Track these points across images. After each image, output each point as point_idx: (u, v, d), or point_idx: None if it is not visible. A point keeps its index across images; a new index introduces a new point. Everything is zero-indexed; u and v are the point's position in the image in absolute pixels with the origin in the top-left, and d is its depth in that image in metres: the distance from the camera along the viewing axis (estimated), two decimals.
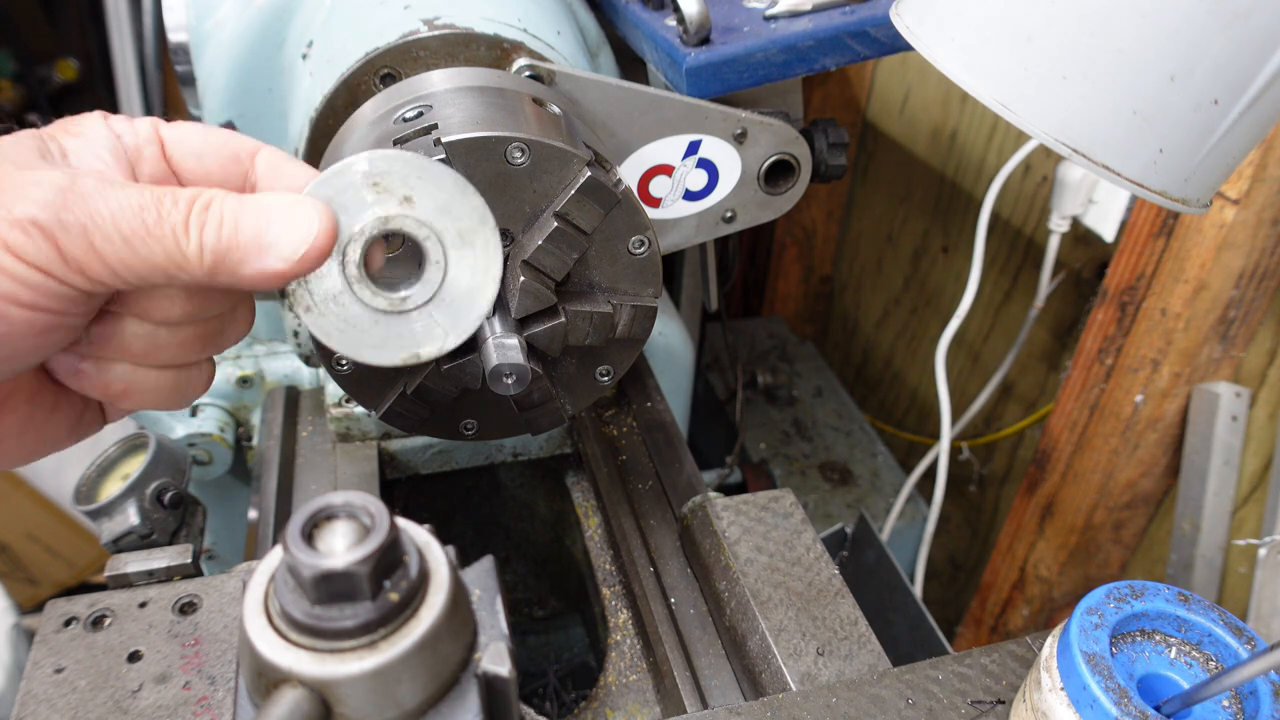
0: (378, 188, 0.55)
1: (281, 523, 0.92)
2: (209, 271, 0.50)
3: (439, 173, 0.55)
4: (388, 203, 0.55)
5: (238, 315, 0.59)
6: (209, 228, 0.50)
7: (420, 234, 0.56)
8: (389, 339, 0.57)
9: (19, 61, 3.31)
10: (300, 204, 0.52)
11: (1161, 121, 0.56)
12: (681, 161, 0.90)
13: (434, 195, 0.55)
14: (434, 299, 0.57)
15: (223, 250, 0.50)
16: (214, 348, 0.58)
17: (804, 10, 0.89)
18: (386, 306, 0.56)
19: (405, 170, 0.55)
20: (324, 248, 0.52)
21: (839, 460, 1.87)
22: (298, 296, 0.55)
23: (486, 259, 0.57)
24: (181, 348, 0.55)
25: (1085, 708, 0.56)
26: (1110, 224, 1.38)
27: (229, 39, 0.96)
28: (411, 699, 0.46)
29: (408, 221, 0.55)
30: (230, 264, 0.50)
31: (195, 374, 0.58)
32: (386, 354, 0.57)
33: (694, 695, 0.78)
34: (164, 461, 0.88)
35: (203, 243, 0.49)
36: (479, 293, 0.58)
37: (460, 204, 0.56)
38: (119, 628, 0.69)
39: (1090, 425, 1.33)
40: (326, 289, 0.55)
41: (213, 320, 0.57)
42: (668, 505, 0.94)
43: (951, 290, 1.89)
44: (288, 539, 0.43)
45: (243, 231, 0.50)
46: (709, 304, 1.38)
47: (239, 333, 0.60)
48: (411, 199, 0.55)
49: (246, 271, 0.51)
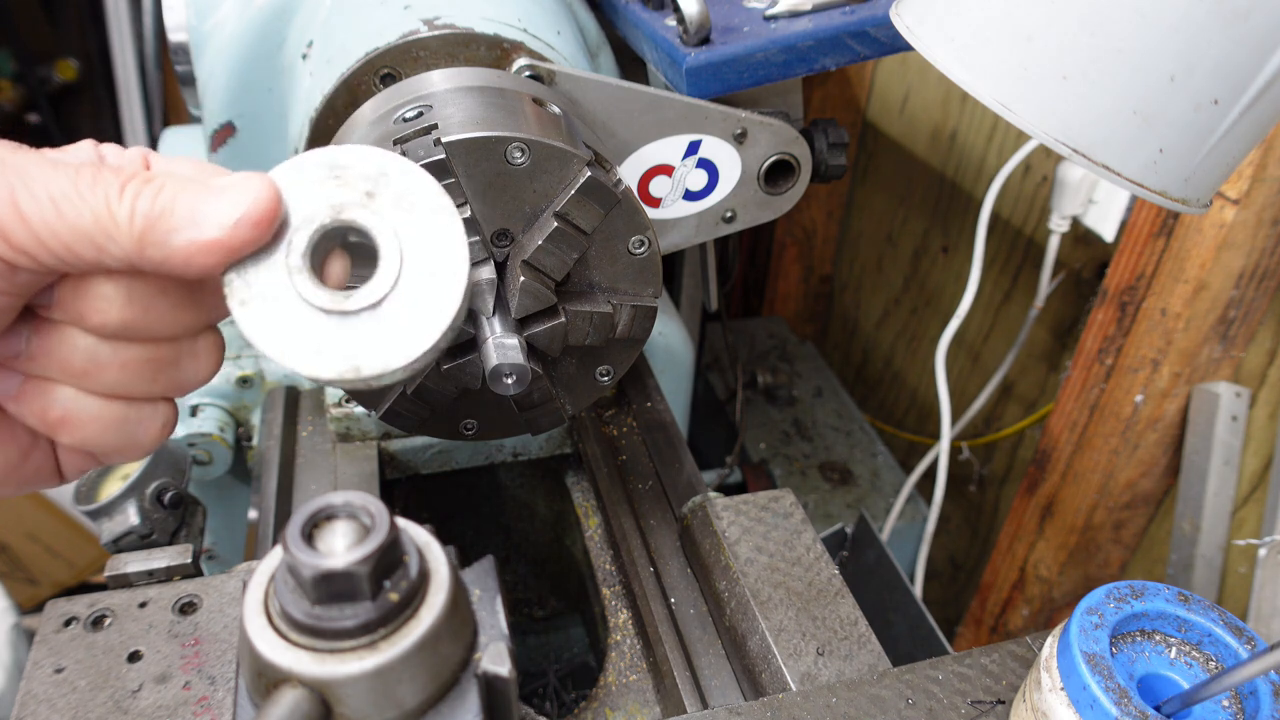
0: (339, 179, 0.50)
1: (281, 523, 0.92)
2: (138, 240, 0.46)
3: (407, 170, 0.51)
4: (346, 194, 0.50)
5: (198, 349, 0.53)
6: (144, 196, 0.46)
7: (376, 229, 0.50)
8: (327, 347, 0.49)
9: (19, 61, 3.31)
10: (245, 178, 0.48)
11: (1161, 121, 0.56)
12: (681, 161, 0.90)
13: (399, 193, 0.51)
14: (384, 304, 0.50)
15: (154, 216, 0.46)
16: (169, 383, 0.53)
17: (804, 10, 0.89)
18: (327, 304, 0.49)
19: (371, 164, 0.51)
20: (261, 219, 0.47)
21: (839, 460, 1.87)
22: (234, 287, 0.49)
23: (450, 269, 0.51)
24: (126, 371, 0.51)
25: (1085, 708, 0.56)
26: (1110, 224, 1.38)
27: (229, 39, 0.96)
28: (411, 699, 0.46)
29: (363, 214, 0.50)
30: (160, 233, 0.46)
31: (148, 413, 0.53)
32: (321, 364, 0.49)
33: (694, 695, 0.78)
34: (164, 461, 0.88)
35: (134, 208, 0.46)
36: (437, 307, 0.50)
37: (428, 206, 0.51)
38: (119, 628, 0.69)
39: (1090, 425, 1.33)
40: (266, 282, 0.49)
41: (165, 346, 0.52)
42: (668, 505, 0.94)
43: (951, 290, 1.89)
44: (288, 539, 0.43)
45: (179, 201, 0.47)
46: (709, 304, 1.38)
47: (199, 371, 0.54)
48: (374, 194, 0.51)
49: (178, 242, 0.46)
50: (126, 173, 0.47)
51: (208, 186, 0.48)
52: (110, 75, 3.17)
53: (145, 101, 3.09)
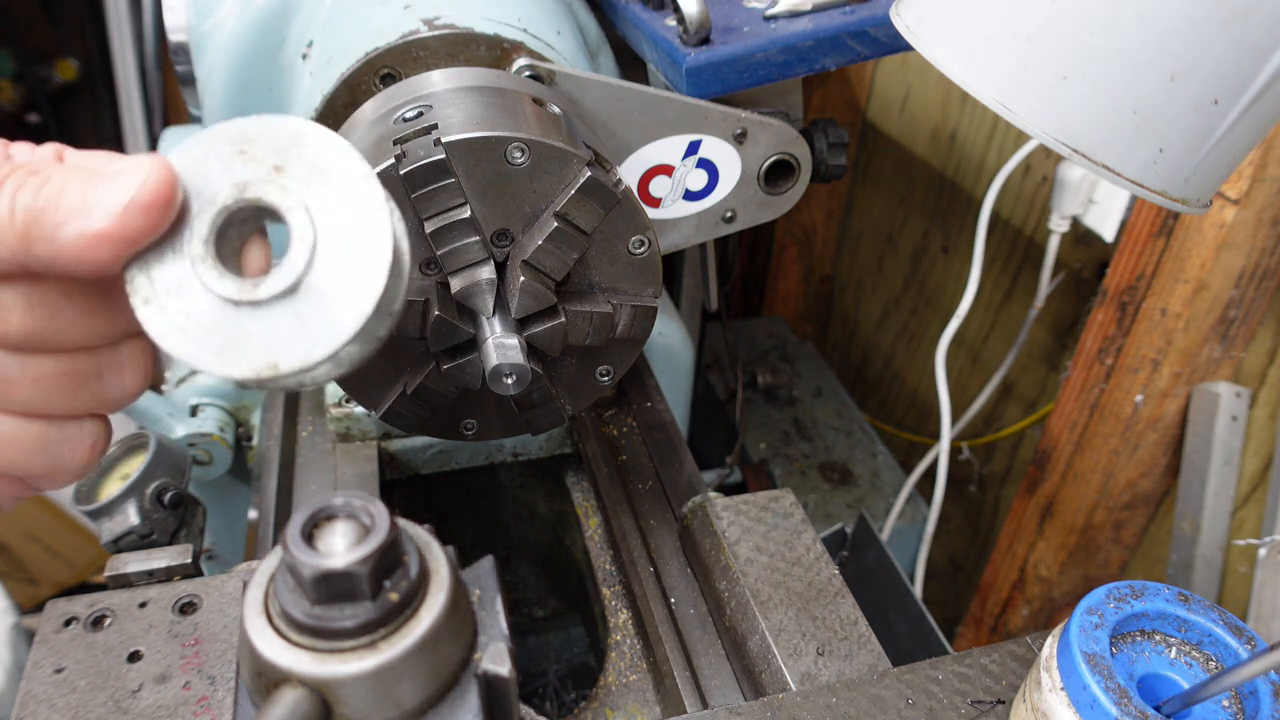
0: (244, 155, 0.46)
1: (281, 523, 0.92)
2: (21, 238, 0.42)
3: (321, 139, 0.46)
4: (252, 170, 0.46)
5: (121, 359, 0.49)
6: (27, 189, 0.42)
7: (284, 206, 0.45)
8: (238, 341, 0.45)
9: (19, 61, 3.31)
10: (136, 160, 0.43)
11: (1161, 121, 0.56)
12: (681, 161, 0.90)
13: (312, 163, 0.46)
14: (298, 289, 0.45)
15: (37, 210, 0.42)
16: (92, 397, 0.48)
17: (804, 10, 0.89)
18: (235, 294, 0.44)
19: (278, 136, 0.46)
20: (153, 203, 0.43)
21: (839, 460, 1.87)
22: (136, 284, 0.44)
23: (374, 244, 0.46)
24: (41, 386, 0.47)
25: (1085, 708, 0.56)
26: (1110, 224, 1.38)
27: (229, 39, 0.96)
28: (411, 699, 0.46)
29: (270, 189, 0.45)
30: (45, 228, 0.42)
31: (74, 432, 0.49)
32: (234, 362, 0.45)
33: (694, 695, 0.78)
34: (164, 461, 0.88)
35: (15, 203, 0.42)
36: (361, 287, 0.45)
37: (345, 174, 0.46)
38: (119, 628, 0.69)
39: (1090, 425, 1.33)
40: (170, 276, 0.45)
41: (81, 357, 0.48)
42: (668, 505, 0.94)
43: (951, 290, 1.89)
44: (288, 539, 0.43)
45: (66, 192, 0.42)
46: (709, 304, 1.38)
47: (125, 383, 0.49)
48: (283, 168, 0.46)
49: (65, 235, 0.42)
50: (11, 166, 0.44)
51: (97, 173, 0.43)
52: (110, 75, 3.17)
53: (145, 101, 3.09)
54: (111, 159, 0.45)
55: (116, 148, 3.33)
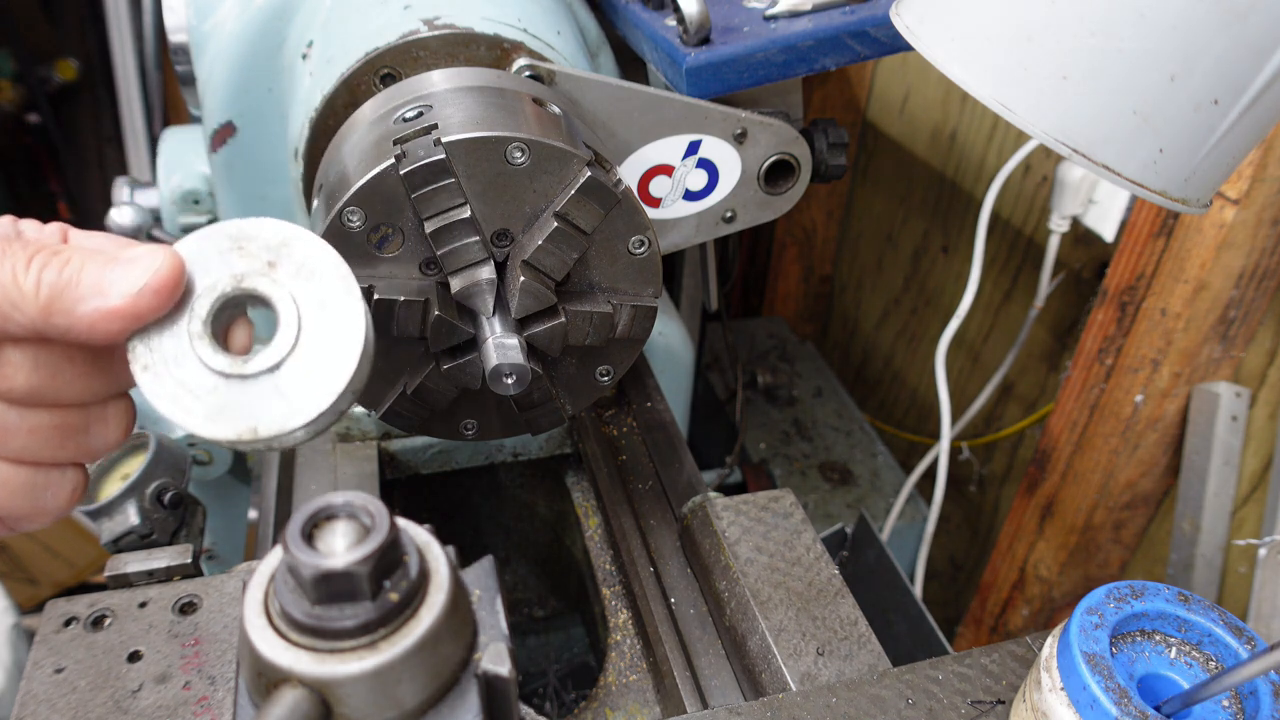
0: (242, 250, 0.53)
1: (281, 523, 0.92)
2: (43, 309, 0.48)
3: (309, 241, 0.54)
4: (248, 264, 0.53)
5: (107, 415, 0.55)
6: (50, 268, 0.49)
7: (275, 296, 0.53)
8: (225, 409, 0.51)
9: (19, 61, 3.31)
10: (150, 250, 0.51)
11: (1161, 121, 0.56)
12: (681, 161, 0.90)
13: (300, 262, 0.54)
14: (281, 367, 0.52)
15: (60, 287, 0.48)
16: (77, 449, 0.54)
17: (804, 10, 0.89)
18: (226, 368, 0.52)
19: (273, 236, 0.54)
20: (163, 288, 0.50)
21: (839, 460, 1.87)
22: (137, 353, 0.51)
23: (348, 334, 0.53)
24: (34, 437, 0.52)
25: (1085, 708, 0.56)
26: (1110, 224, 1.38)
27: (229, 39, 0.96)
28: (411, 699, 0.46)
29: (263, 282, 0.53)
30: (66, 303, 0.48)
31: (56, 479, 0.54)
32: (220, 426, 0.51)
33: (694, 695, 0.78)
34: (164, 461, 0.88)
35: (40, 279, 0.48)
36: (334, 369, 0.53)
37: (328, 274, 0.54)
38: (119, 628, 0.69)
39: (1090, 425, 1.33)
40: (168, 349, 0.52)
41: (73, 412, 0.53)
42: (668, 505, 0.94)
43: (951, 290, 1.89)
44: (288, 539, 0.43)
45: (85, 272, 0.49)
46: (709, 304, 1.38)
47: (109, 436, 0.55)
48: (275, 264, 0.53)
49: (82, 310, 0.49)
50: (36, 245, 0.50)
51: (114, 258, 0.50)
52: (110, 75, 3.17)
53: (145, 101, 3.09)
54: (121, 244, 0.52)
55: (117, 148, 3.34)
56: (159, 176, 1.31)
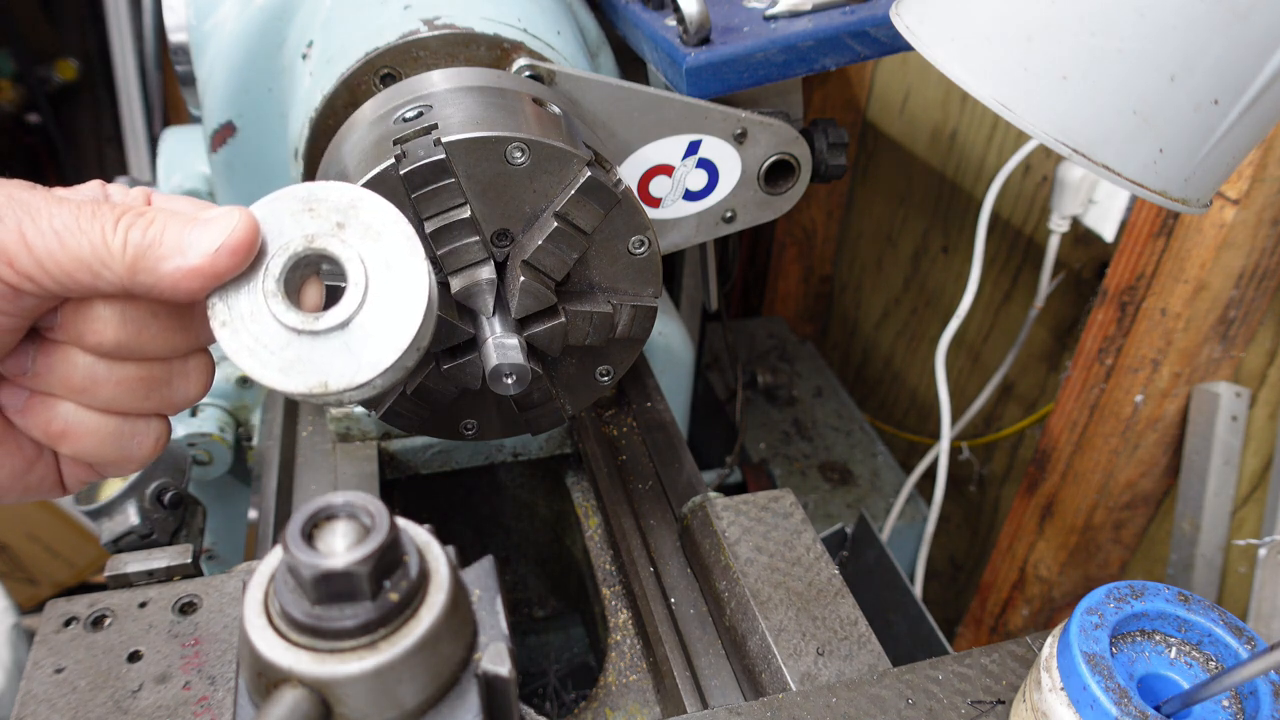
0: (312, 212, 0.55)
1: (281, 523, 0.92)
2: (129, 267, 0.51)
3: (375, 203, 0.56)
4: (318, 224, 0.55)
5: (189, 369, 0.58)
6: (135, 228, 0.51)
7: (344, 256, 0.55)
8: (298, 363, 0.54)
9: (19, 61, 3.31)
10: (227, 211, 0.53)
11: (1161, 121, 0.56)
12: (681, 161, 0.90)
13: (367, 223, 0.56)
14: (350, 324, 0.55)
15: (144, 246, 0.51)
16: (161, 400, 0.57)
17: (804, 10, 0.89)
18: (298, 324, 0.54)
19: (341, 198, 0.56)
20: (240, 247, 0.52)
21: (839, 460, 1.87)
22: (216, 310, 0.54)
23: (413, 293, 0.56)
24: (121, 388, 0.55)
25: (1085, 708, 0.56)
26: (1110, 224, 1.38)
27: (229, 39, 0.96)
28: (411, 699, 0.46)
29: (333, 242, 0.55)
30: (150, 261, 0.51)
31: (142, 428, 0.58)
32: (293, 379, 0.54)
33: (694, 695, 0.78)
34: (164, 461, 0.88)
35: (127, 239, 0.51)
36: (400, 327, 0.56)
37: (394, 235, 0.56)
38: (119, 628, 0.69)
39: (1090, 425, 1.33)
40: (245, 305, 0.54)
41: (157, 366, 0.56)
42: (668, 505, 0.94)
43: (951, 290, 1.89)
44: (288, 539, 0.43)
45: (167, 232, 0.52)
46: (709, 304, 1.38)
47: (190, 390, 0.58)
48: (344, 224, 0.56)
49: (165, 269, 0.51)
50: (122, 208, 0.52)
51: (194, 219, 0.53)
52: (110, 75, 3.17)
53: (145, 101, 3.09)
54: (201, 206, 0.55)
55: (117, 148, 3.34)
56: (159, 176, 1.31)
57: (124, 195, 0.56)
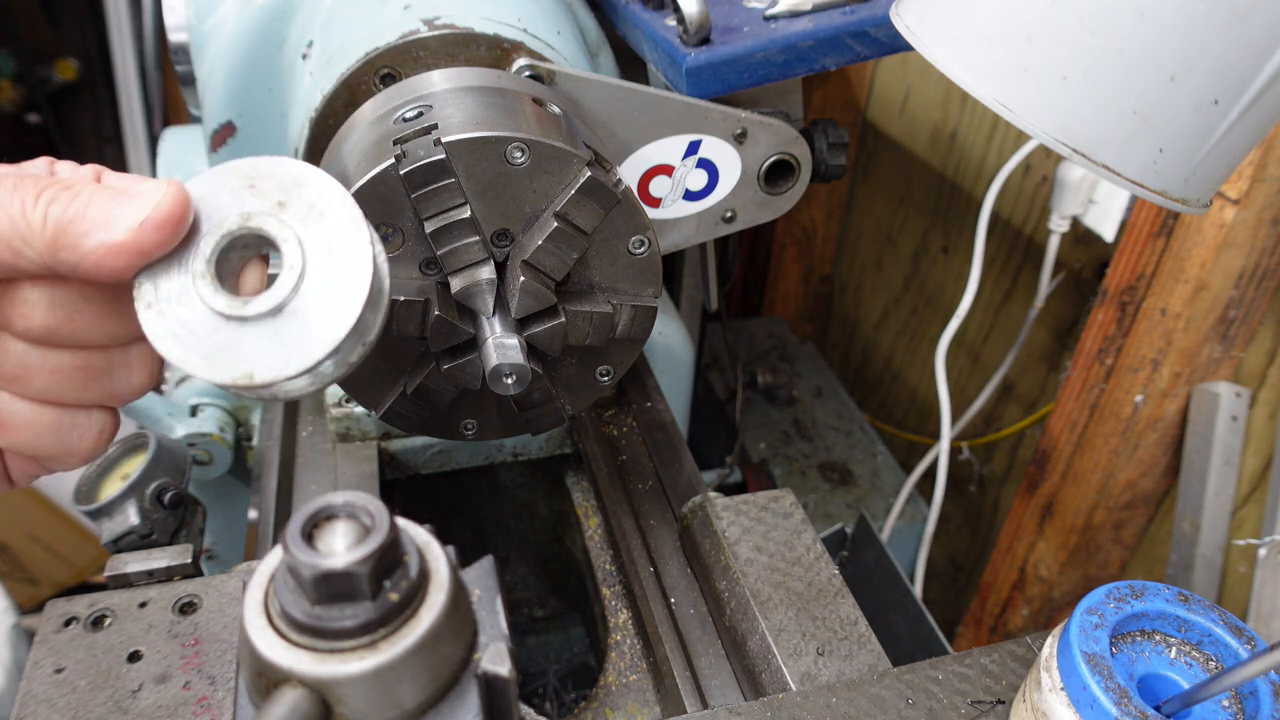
0: (254, 189, 0.52)
1: (281, 523, 0.92)
2: (50, 244, 0.48)
3: (322, 181, 0.52)
4: (258, 203, 0.51)
5: (131, 359, 0.55)
6: (58, 203, 0.48)
7: (280, 236, 0.51)
8: (223, 351, 0.50)
9: (19, 61, 3.31)
10: (156, 183, 0.49)
11: (1161, 121, 0.56)
12: (681, 161, 0.90)
13: (311, 203, 0.52)
14: (281, 311, 0.50)
15: (66, 221, 0.48)
16: (102, 391, 0.54)
17: (804, 10, 0.89)
18: (225, 309, 0.50)
19: (286, 175, 0.52)
20: (167, 221, 0.49)
21: (839, 460, 1.87)
22: (143, 291, 0.50)
23: (355, 280, 0.51)
24: (56, 377, 0.52)
25: (1085, 708, 0.56)
26: (1110, 224, 1.38)
27: (229, 39, 0.96)
28: (411, 699, 0.46)
29: (270, 222, 0.51)
30: (72, 237, 0.48)
31: (83, 420, 0.54)
32: (217, 368, 0.50)
33: (694, 695, 0.78)
34: (164, 461, 0.88)
35: (48, 213, 0.48)
36: (337, 317, 0.51)
37: (339, 217, 0.52)
38: (119, 628, 0.69)
39: (1090, 425, 1.33)
40: (173, 287, 0.50)
41: (95, 354, 0.53)
42: (668, 505, 0.94)
43: (951, 290, 1.89)
44: (288, 539, 0.43)
45: (92, 207, 0.48)
46: (709, 304, 1.38)
47: (133, 381, 0.55)
48: (285, 204, 0.52)
49: (88, 245, 0.48)
50: (46, 181, 0.49)
51: (121, 192, 0.49)
52: (110, 75, 3.17)
53: (145, 101, 3.09)
54: (138, 181, 0.51)
55: (117, 148, 3.34)
56: (159, 177, 1.31)
57: (72, 172, 0.54)
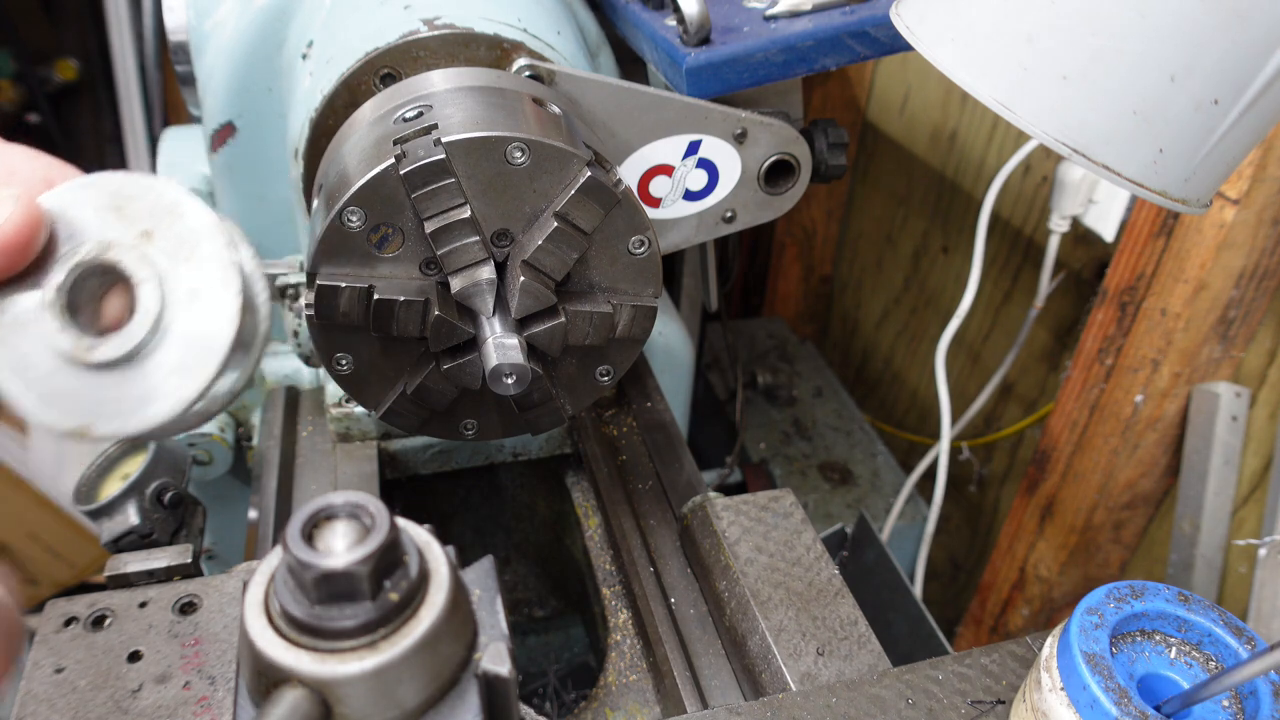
0: (120, 211, 0.45)
1: (281, 523, 0.92)
2: None
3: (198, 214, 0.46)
4: (122, 229, 0.45)
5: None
6: None
7: (139, 276, 0.45)
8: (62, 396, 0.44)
9: (19, 61, 3.31)
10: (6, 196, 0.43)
11: (1161, 121, 0.56)
12: (681, 161, 0.90)
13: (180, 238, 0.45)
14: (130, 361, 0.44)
15: None
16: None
17: (804, 10, 0.89)
18: (69, 349, 0.44)
19: (159, 200, 0.46)
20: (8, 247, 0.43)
21: (839, 460, 1.87)
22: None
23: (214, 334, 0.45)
24: None
25: (1085, 708, 0.56)
26: (1110, 224, 1.38)
27: (229, 39, 0.96)
28: (411, 699, 0.46)
29: (129, 255, 0.45)
30: None
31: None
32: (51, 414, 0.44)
33: (694, 695, 0.78)
34: (164, 461, 0.88)
35: None
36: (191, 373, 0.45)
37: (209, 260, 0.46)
38: (119, 628, 0.69)
39: (1090, 425, 1.33)
40: (20, 312, 0.44)
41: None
42: (668, 505, 0.94)
43: (951, 290, 1.89)
44: (288, 539, 0.43)
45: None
46: (709, 304, 1.38)
47: None
48: (151, 234, 0.45)
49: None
50: None
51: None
52: (110, 75, 3.17)
53: (145, 101, 3.09)
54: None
55: (117, 148, 3.34)
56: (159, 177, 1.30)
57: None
